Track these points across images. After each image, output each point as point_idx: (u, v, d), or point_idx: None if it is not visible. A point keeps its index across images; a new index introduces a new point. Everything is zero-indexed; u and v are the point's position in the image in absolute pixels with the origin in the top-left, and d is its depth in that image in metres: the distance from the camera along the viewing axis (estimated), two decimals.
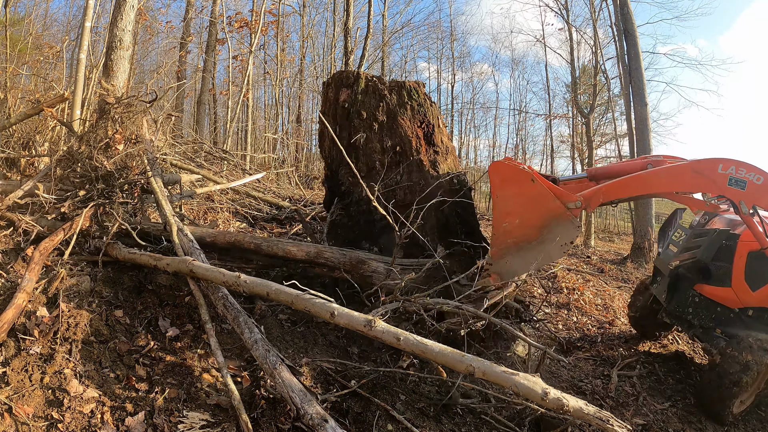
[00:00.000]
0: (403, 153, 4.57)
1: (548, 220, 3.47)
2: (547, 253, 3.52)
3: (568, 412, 2.08)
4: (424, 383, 3.33)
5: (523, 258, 3.53)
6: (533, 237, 3.50)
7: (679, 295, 4.12)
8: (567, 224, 3.47)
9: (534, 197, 3.45)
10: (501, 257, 3.56)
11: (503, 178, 3.50)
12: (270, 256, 4.15)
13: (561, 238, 3.48)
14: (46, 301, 2.95)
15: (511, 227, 3.50)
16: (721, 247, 3.86)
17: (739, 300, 3.87)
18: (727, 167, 3.50)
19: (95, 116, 4.75)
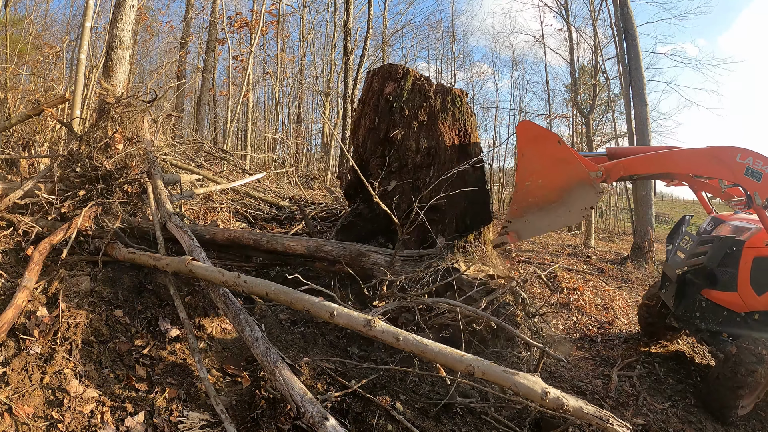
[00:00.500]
0: (436, 156, 4.62)
1: (571, 183, 3.58)
2: (567, 216, 3.64)
3: (568, 412, 2.08)
4: (424, 383, 3.33)
5: (542, 219, 3.65)
6: (554, 199, 3.61)
7: (687, 300, 4.17)
8: (589, 189, 3.57)
9: (559, 159, 3.55)
10: (520, 216, 3.68)
11: (530, 137, 3.60)
12: (269, 251, 4.16)
13: (581, 203, 3.59)
14: (46, 301, 2.95)
15: (533, 187, 3.61)
16: (727, 253, 3.90)
17: (744, 304, 3.91)
18: (745, 157, 3.58)
19: (95, 116, 4.75)
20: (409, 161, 4.65)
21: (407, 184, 4.61)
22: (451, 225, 4.58)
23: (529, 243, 12.21)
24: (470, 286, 3.82)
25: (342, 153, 17.48)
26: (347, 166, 15.58)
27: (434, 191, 4.39)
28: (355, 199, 5.19)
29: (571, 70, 18.57)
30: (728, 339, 3.93)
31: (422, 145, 4.63)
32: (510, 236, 3.73)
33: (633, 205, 12.50)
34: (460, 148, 4.72)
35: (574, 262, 9.67)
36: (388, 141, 4.75)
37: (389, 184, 4.61)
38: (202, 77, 18.19)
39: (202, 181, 6.96)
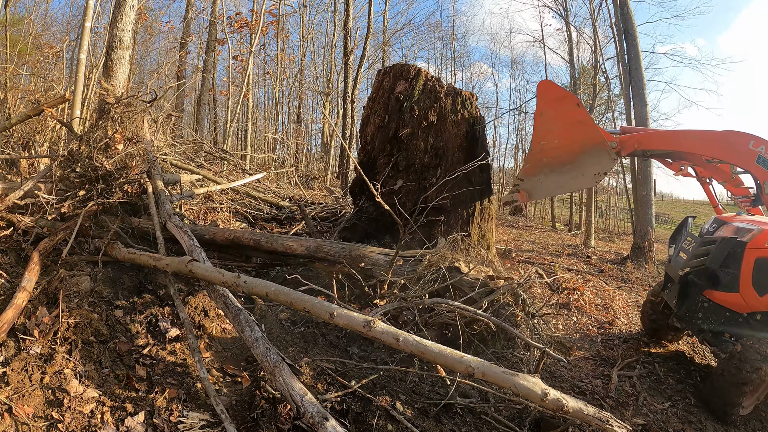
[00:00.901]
0: (444, 157, 4.65)
1: (586, 147, 3.61)
2: (579, 179, 3.71)
3: (567, 413, 2.08)
4: (424, 383, 3.33)
5: (554, 180, 3.71)
6: (568, 160, 3.65)
7: (689, 301, 4.19)
8: (604, 154, 3.61)
9: (577, 122, 3.58)
10: (533, 175, 3.74)
11: (550, 97, 3.62)
12: (269, 252, 4.16)
13: (595, 167, 3.63)
14: (46, 301, 2.95)
15: (548, 147, 3.64)
16: (729, 254, 3.92)
17: (747, 305, 3.92)
18: (758, 145, 3.62)
19: (95, 116, 4.75)
20: (417, 161, 4.66)
21: (413, 183, 4.63)
22: (455, 226, 4.60)
23: (530, 243, 12.22)
24: (471, 287, 3.82)
25: (342, 153, 17.48)
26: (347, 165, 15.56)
27: (439, 191, 4.40)
28: (361, 197, 5.20)
29: (570, 70, 18.58)
30: (730, 339, 3.94)
31: (430, 145, 4.66)
32: (521, 195, 3.80)
33: (633, 205, 12.50)
34: (467, 150, 4.75)
35: (574, 262, 9.67)
36: (396, 140, 4.76)
37: (396, 183, 4.63)
38: (202, 77, 18.20)
39: (202, 181, 6.96)
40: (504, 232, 13.97)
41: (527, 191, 3.81)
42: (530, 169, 3.76)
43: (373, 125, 4.96)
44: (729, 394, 3.75)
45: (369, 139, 5.07)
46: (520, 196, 3.81)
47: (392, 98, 4.84)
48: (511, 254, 8.30)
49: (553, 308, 5.90)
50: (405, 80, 4.84)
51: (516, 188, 3.83)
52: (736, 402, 3.72)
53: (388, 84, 4.94)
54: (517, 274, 6.81)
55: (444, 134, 4.65)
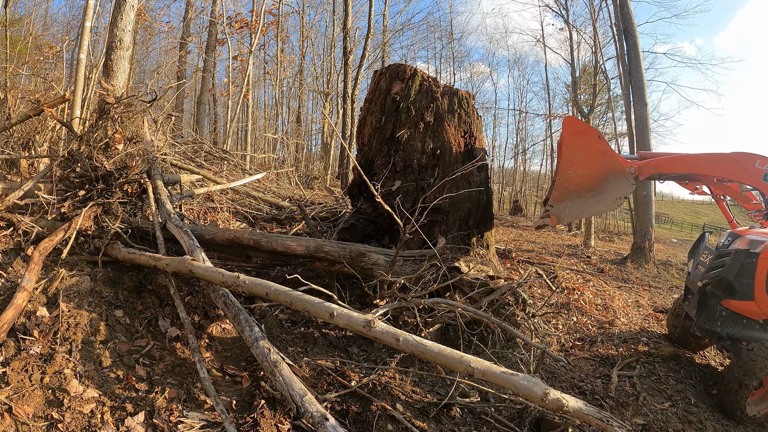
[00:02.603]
0: (442, 157, 4.65)
1: (608, 174, 4.02)
2: (603, 203, 4.09)
3: (567, 413, 2.08)
4: (424, 383, 3.33)
5: (580, 205, 4.10)
6: (592, 187, 4.05)
7: (708, 311, 4.38)
8: (624, 180, 4.04)
9: (598, 152, 4.00)
10: (561, 201, 4.11)
11: (574, 131, 4.03)
12: (269, 252, 4.15)
13: (617, 192, 4.05)
14: (46, 301, 2.94)
15: (574, 175, 4.03)
16: (744, 265, 4.13)
17: (762, 312, 4.10)
18: (764, 164, 4.00)
19: (95, 116, 4.75)
20: (414, 162, 4.66)
21: (411, 184, 4.63)
22: (453, 226, 4.60)
23: (530, 243, 12.21)
24: (471, 287, 3.82)
25: (342, 153, 17.48)
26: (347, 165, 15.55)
27: (438, 192, 4.40)
28: (359, 198, 5.19)
29: (571, 70, 18.59)
30: (747, 347, 4.09)
31: (428, 145, 4.65)
32: (551, 219, 4.14)
33: (633, 205, 12.49)
34: (465, 150, 4.74)
35: (574, 262, 9.66)
36: (393, 141, 4.75)
37: (393, 184, 4.63)
38: (202, 77, 18.20)
39: (202, 181, 6.96)
40: (504, 232, 13.97)
41: (557, 215, 4.16)
42: (558, 196, 4.11)
43: (370, 126, 4.96)
44: (739, 393, 3.90)
45: (366, 141, 5.07)
46: (550, 220, 4.17)
47: (389, 99, 4.83)
48: (511, 254, 8.29)
49: (553, 308, 5.90)
50: (401, 81, 4.83)
51: (546, 213, 4.18)
52: (745, 397, 3.87)
53: (385, 85, 4.93)
54: (517, 274, 6.81)
55: (441, 134, 4.64)
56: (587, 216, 4.12)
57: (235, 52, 17.60)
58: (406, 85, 4.79)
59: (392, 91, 4.83)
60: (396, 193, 4.55)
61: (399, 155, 4.70)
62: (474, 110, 4.91)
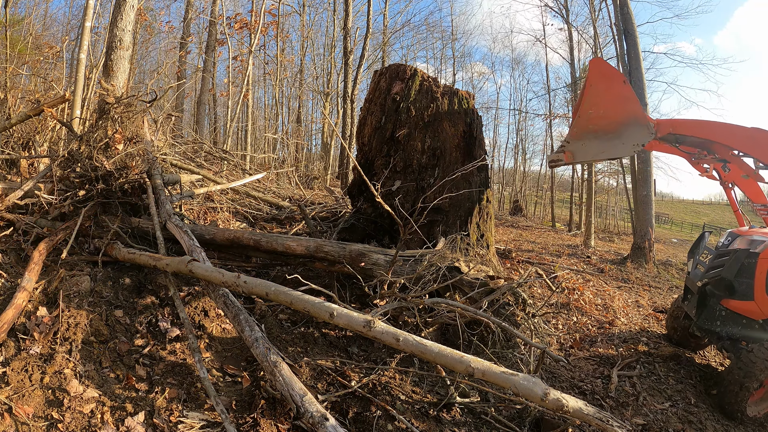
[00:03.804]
0: (442, 157, 4.66)
1: (629, 120, 4.05)
2: (620, 147, 4.13)
3: (567, 413, 2.08)
4: (424, 383, 3.33)
5: (597, 146, 4.15)
6: (611, 130, 4.08)
7: (708, 310, 4.38)
8: (643, 128, 4.07)
9: (622, 97, 4.03)
10: (579, 139, 4.15)
11: (601, 72, 4.05)
12: (269, 252, 4.15)
13: (634, 138, 4.07)
14: (46, 301, 2.95)
15: (595, 116, 4.06)
16: (743, 264, 4.13)
17: (762, 312, 4.10)
18: None
19: (95, 116, 4.75)
20: (414, 161, 4.66)
21: (411, 184, 4.63)
22: (453, 226, 4.60)
23: (530, 243, 12.21)
24: (471, 287, 3.82)
25: (342, 153, 17.48)
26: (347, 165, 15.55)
27: (438, 192, 4.40)
28: (359, 198, 5.20)
29: (571, 70, 18.59)
30: (746, 347, 4.10)
31: (428, 145, 4.65)
32: (566, 155, 4.19)
33: (633, 205, 12.49)
34: (465, 150, 4.75)
35: (574, 262, 9.66)
36: (393, 141, 4.76)
37: (393, 184, 4.63)
38: (202, 77, 18.21)
39: (202, 181, 6.96)
40: (504, 232, 13.97)
41: (572, 153, 4.20)
42: (576, 133, 4.15)
43: (370, 126, 4.96)
44: (739, 396, 3.91)
45: (366, 141, 5.07)
46: (565, 156, 4.20)
47: (389, 99, 4.83)
48: (511, 254, 8.29)
49: (553, 308, 5.90)
50: (401, 81, 4.84)
51: (562, 149, 4.21)
52: (746, 398, 3.88)
53: (385, 85, 4.94)
54: (517, 274, 6.81)
55: (441, 134, 4.64)
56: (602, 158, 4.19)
57: (234, 52, 17.61)
58: (406, 85, 4.79)
59: (392, 91, 4.83)
60: (396, 193, 4.56)
61: (399, 155, 4.71)
62: (474, 110, 4.91)
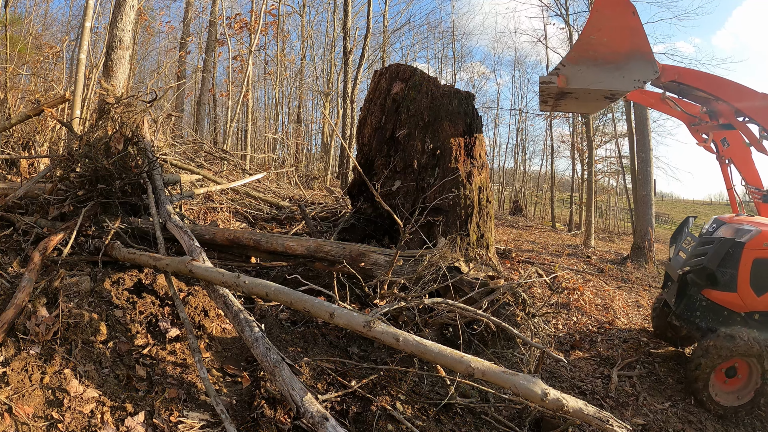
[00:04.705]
0: (442, 157, 4.65)
1: (633, 53, 3.83)
2: (618, 80, 3.88)
3: (567, 413, 2.08)
4: (424, 383, 3.33)
5: (594, 73, 3.92)
6: (612, 60, 3.87)
7: (688, 300, 4.29)
8: (647, 64, 3.85)
9: (630, 27, 3.81)
10: (576, 63, 3.95)
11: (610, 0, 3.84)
12: (269, 252, 4.16)
13: (636, 74, 3.84)
14: (46, 301, 2.94)
15: (596, 42, 3.86)
16: (727, 254, 4.03)
17: (744, 305, 4.02)
18: None
19: (95, 116, 4.75)
20: (414, 162, 4.66)
21: (411, 184, 4.63)
22: (453, 226, 4.60)
23: (529, 243, 12.21)
24: (471, 287, 3.82)
25: (342, 153, 17.48)
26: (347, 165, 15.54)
27: (438, 192, 4.40)
28: (359, 199, 5.20)
29: None
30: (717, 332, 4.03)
31: (428, 145, 4.65)
32: (560, 78, 3.96)
33: (633, 205, 12.49)
34: (465, 150, 4.74)
35: (574, 262, 9.66)
36: (393, 141, 4.76)
37: (393, 184, 4.63)
38: (202, 77, 18.20)
39: (202, 181, 6.96)
40: (504, 232, 13.97)
41: (567, 77, 3.97)
42: (574, 57, 3.96)
43: (370, 127, 4.96)
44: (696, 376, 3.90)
45: (366, 141, 5.07)
46: (558, 79, 3.98)
47: (389, 99, 4.84)
48: (511, 254, 8.29)
49: (553, 308, 5.90)
50: (401, 81, 4.84)
51: (557, 71, 4.01)
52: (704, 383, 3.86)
53: (385, 85, 4.94)
54: (517, 274, 6.82)
55: (441, 134, 4.64)
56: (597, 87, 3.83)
57: (234, 52, 17.61)
58: (407, 85, 4.79)
59: (392, 91, 4.83)
60: (396, 193, 4.56)
61: (399, 155, 4.71)
62: (474, 110, 4.92)
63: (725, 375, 3.95)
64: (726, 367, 3.91)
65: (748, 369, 3.90)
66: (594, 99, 4.40)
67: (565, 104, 4.83)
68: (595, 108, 4.96)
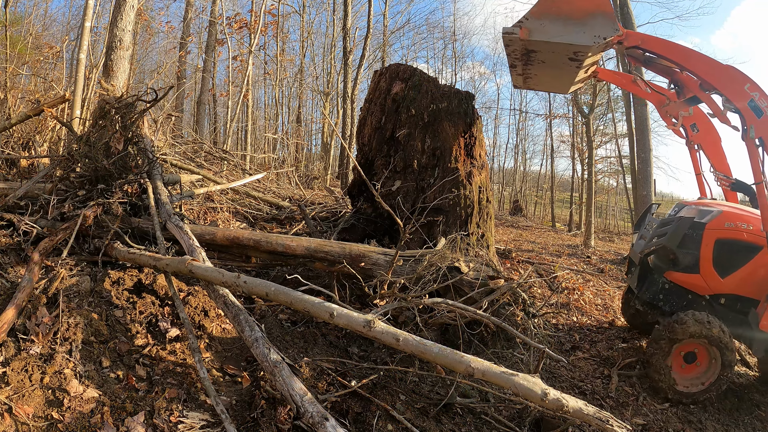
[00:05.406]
0: (442, 157, 4.66)
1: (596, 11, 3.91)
2: (580, 35, 3.96)
3: (567, 413, 2.08)
4: (424, 383, 3.33)
5: (557, 28, 3.99)
6: (576, 16, 3.95)
7: (650, 283, 4.23)
8: (610, 22, 3.92)
9: None
10: (539, 17, 4.01)
11: None
12: (269, 252, 4.15)
13: (598, 30, 3.92)
14: (46, 301, 2.94)
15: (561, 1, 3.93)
16: (687, 234, 3.98)
17: (708, 287, 3.96)
18: (753, 90, 3.72)
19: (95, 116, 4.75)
20: (414, 162, 4.67)
21: (411, 184, 4.64)
22: (453, 226, 4.61)
23: (529, 243, 12.21)
24: (470, 287, 3.82)
25: (342, 153, 17.48)
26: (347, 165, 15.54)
27: (438, 192, 4.40)
28: (359, 199, 5.21)
29: None
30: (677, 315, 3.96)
31: (428, 145, 4.66)
32: (522, 31, 4.01)
33: (633, 205, 12.49)
34: (465, 150, 4.75)
35: (574, 262, 9.66)
36: (393, 141, 4.77)
37: (393, 184, 4.63)
38: (202, 77, 18.21)
39: (202, 181, 6.96)
40: (504, 232, 13.97)
41: (529, 30, 4.03)
42: (537, 12, 4.02)
43: (370, 126, 4.97)
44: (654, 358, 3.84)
45: (366, 141, 5.08)
46: (521, 31, 4.03)
47: (389, 99, 4.84)
48: (511, 254, 8.29)
49: (553, 308, 5.90)
50: (401, 81, 4.85)
51: (519, 24, 4.05)
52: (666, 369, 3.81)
53: (385, 85, 4.95)
54: (517, 274, 6.82)
55: (441, 134, 4.65)
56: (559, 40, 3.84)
57: (234, 52, 17.61)
58: (407, 85, 4.80)
59: (392, 91, 4.84)
60: (396, 193, 4.56)
61: (399, 155, 4.71)
62: (474, 110, 4.92)
63: (684, 360, 3.86)
64: (684, 352, 3.83)
65: (705, 352, 3.81)
66: (560, 64, 4.42)
67: (535, 73, 4.80)
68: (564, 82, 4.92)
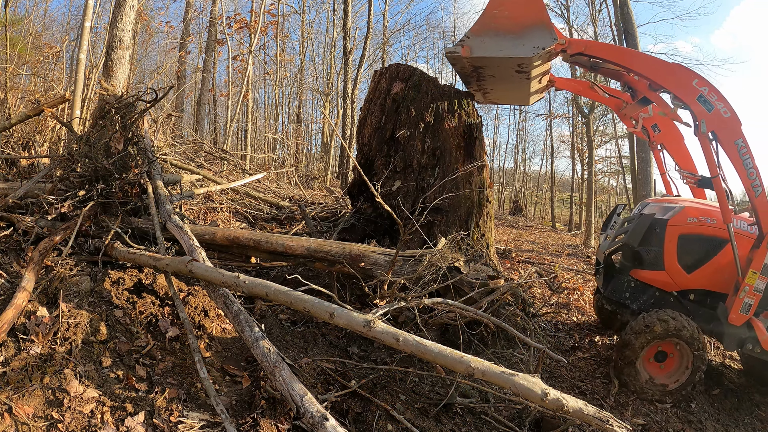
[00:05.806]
0: (442, 158, 4.67)
1: (533, 24, 4.02)
2: (519, 47, 4.05)
3: (567, 413, 2.08)
4: (424, 383, 3.33)
5: (497, 43, 4.12)
6: (514, 31, 4.06)
7: (615, 281, 4.23)
8: (546, 33, 4.00)
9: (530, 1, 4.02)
10: (479, 35, 4.15)
11: None
12: (269, 252, 4.15)
13: (536, 41, 3.99)
14: (46, 301, 2.95)
15: (500, 16, 4.08)
16: (649, 230, 3.99)
17: (674, 283, 3.95)
18: (701, 85, 3.71)
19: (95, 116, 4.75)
20: (414, 162, 4.67)
21: (411, 184, 4.64)
22: (453, 226, 4.61)
23: (529, 243, 12.21)
24: (470, 287, 3.82)
25: (342, 153, 17.49)
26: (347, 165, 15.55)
27: (438, 192, 4.41)
28: (359, 199, 5.21)
29: (572, 70, 18.54)
30: None
31: (428, 145, 4.67)
32: (464, 49, 4.15)
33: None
34: (465, 150, 4.76)
35: (574, 262, 9.66)
36: (393, 141, 4.77)
37: (393, 185, 4.64)
38: (202, 77, 18.21)
39: (202, 181, 6.96)
40: (504, 232, 13.97)
41: (470, 47, 4.16)
42: (477, 30, 4.16)
43: (370, 126, 4.97)
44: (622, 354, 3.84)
45: (366, 141, 5.08)
46: (462, 50, 4.17)
47: (389, 99, 4.85)
48: (511, 254, 8.29)
49: (553, 308, 5.90)
50: (401, 81, 4.85)
51: (461, 43, 4.19)
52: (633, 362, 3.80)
53: (385, 85, 4.95)
54: (517, 274, 6.82)
55: (441, 134, 4.66)
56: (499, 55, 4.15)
57: (234, 52, 17.61)
58: (406, 85, 4.80)
59: (392, 91, 4.84)
60: (396, 193, 4.56)
61: (399, 155, 4.72)
62: (474, 110, 4.92)
63: (656, 360, 3.86)
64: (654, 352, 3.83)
65: (675, 350, 3.81)
66: (509, 77, 4.52)
67: (491, 88, 4.94)
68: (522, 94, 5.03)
